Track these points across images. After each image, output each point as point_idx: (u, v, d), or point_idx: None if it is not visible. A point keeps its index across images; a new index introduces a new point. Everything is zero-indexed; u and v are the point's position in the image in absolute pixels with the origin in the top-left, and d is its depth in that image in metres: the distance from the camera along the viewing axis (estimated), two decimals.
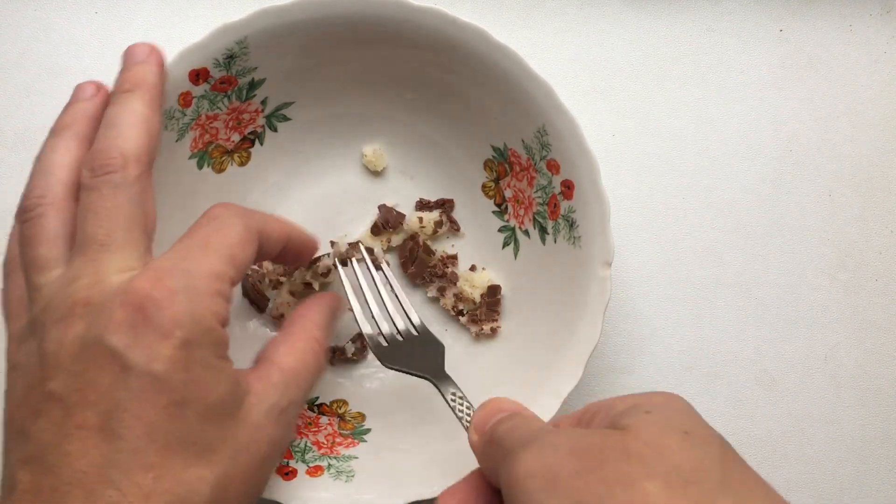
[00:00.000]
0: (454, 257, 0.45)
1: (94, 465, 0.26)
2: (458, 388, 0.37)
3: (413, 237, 0.45)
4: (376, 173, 0.45)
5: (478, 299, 0.44)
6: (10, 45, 0.46)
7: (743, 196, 0.47)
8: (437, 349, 0.39)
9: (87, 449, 0.26)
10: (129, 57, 0.35)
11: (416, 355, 0.39)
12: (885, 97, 0.48)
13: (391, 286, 0.41)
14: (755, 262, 0.46)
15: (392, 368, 0.39)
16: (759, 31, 0.48)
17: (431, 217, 0.44)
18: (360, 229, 0.45)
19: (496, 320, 0.44)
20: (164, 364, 0.27)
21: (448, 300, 0.44)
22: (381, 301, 0.40)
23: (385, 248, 0.45)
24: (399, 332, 0.40)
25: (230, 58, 0.38)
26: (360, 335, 0.44)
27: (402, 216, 0.45)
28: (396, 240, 0.45)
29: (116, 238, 0.30)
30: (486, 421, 0.31)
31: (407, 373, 0.38)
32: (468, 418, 0.35)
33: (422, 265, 0.44)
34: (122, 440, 0.26)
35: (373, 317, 0.40)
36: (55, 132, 0.34)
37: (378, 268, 0.42)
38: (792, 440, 0.45)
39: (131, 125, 0.32)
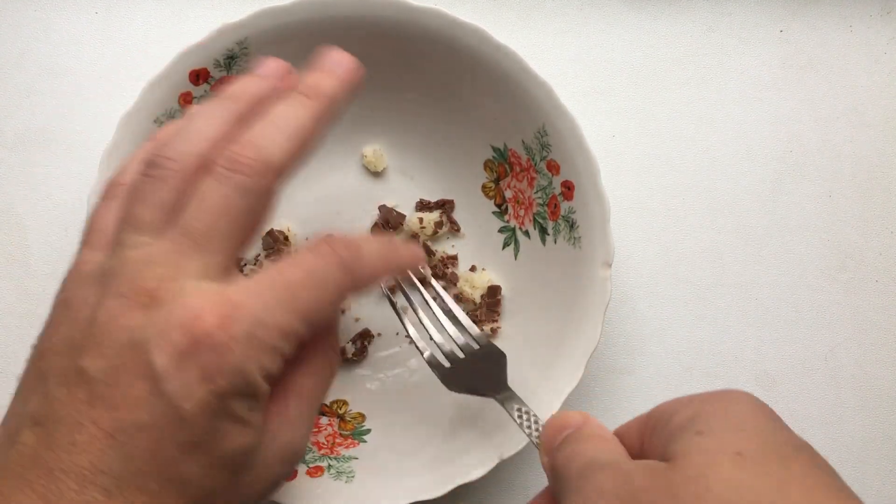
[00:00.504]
0: (454, 258, 0.45)
1: (94, 465, 0.25)
2: (524, 403, 0.35)
3: (413, 237, 0.45)
4: (376, 174, 0.45)
5: (478, 300, 0.44)
6: (10, 45, 0.46)
7: (743, 196, 0.47)
8: (499, 361, 0.37)
9: (92, 447, 0.25)
10: (326, 62, 0.32)
11: (480, 373, 0.37)
12: (885, 97, 0.48)
13: (443, 301, 0.38)
14: (755, 263, 0.46)
15: (459, 392, 0.37)
16: (759, 32, 0.48)
17: (431, 218, 0.44)
18: (360, 230, 0.45)
19: (496, 321, 0.44)
20: (195, 407, 0.26)
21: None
22: (437, 321, 0.38)
23: None
24: (460, 348, 0.38)
25: (230, 58, 0.38)
26: (360, 335, 0.44)
27: (402, 217, 0.45)
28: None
29: (212, 240, 0.28)
30: (552, 442, 0.30)
31: (473, 394, 0.37)
32: (536, 434, 0.34)
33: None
34: (130, 458, 0.26)
35: (431, 339, 0.38)
36: (220, 99, 0.31)
37: (426, 284, 0.39)
38: None
39: (289, 135, 0.29)
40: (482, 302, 0.44)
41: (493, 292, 0.43)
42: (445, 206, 0.45)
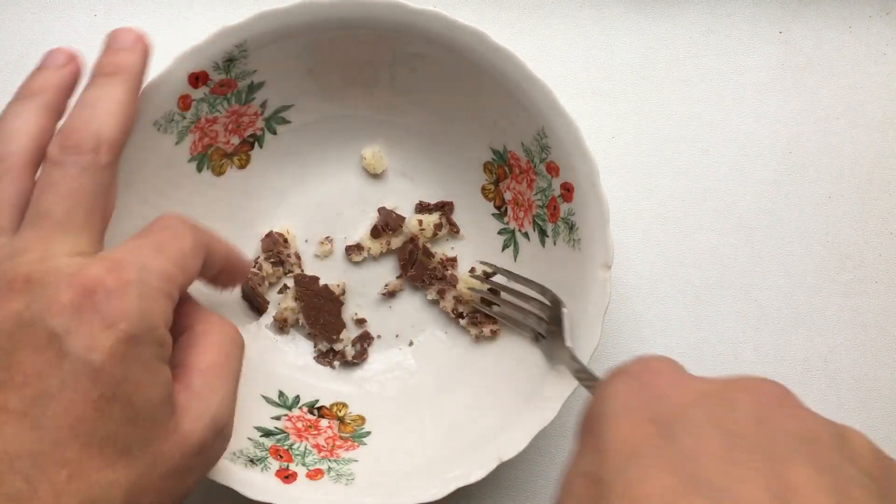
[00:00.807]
0: (454, 260, 0.45)
1: (7, 452, 0.24)
2: (590, 370, 0.36)
3: (412, 240, 0.45)
4: (376, 175, 0.45)
5: (476, 302, 0.44)
6: (8, 47, 0.46)
7: (743, 198, 0.47)
8: (558, 319, 0.39)
9: (4, 434, 0.24)
10: (113, 41, 0.34)
11: (556, 339, 0.38)
12: (884, 98, 0.48)
13: (510, 276, 0.41)
14: (755, 264, 0.46)
15: (559, 364, 0.39)
16: (758, 33, 0.48)
17: (431, 220, 0.44)
18: (359, 232, 0.45)
19: (496, 322, 0.44)
20: (103, 355, 0.25)
21: (448, 302, 0.44)
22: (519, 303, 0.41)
23: (385, 251, 0.45)
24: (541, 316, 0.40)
25: (229, 61, 0.38)
26: (360, 338, 0.44)
27: (401, 219, 0.45)
28: (396, 242, 0.45)
29: (75, 219, 0.29)
30: None
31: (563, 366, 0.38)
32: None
33: (421, 267, 0.44)
34: (44, 430, 0.25)
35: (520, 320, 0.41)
36: (21, 97, 0.32)
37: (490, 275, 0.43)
38: None
39: (110, 111, 0.31)
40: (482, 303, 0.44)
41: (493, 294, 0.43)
42: (445, 207, 0.45)
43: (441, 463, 0.39)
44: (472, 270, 0.45)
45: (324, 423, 0.42)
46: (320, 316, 0.44)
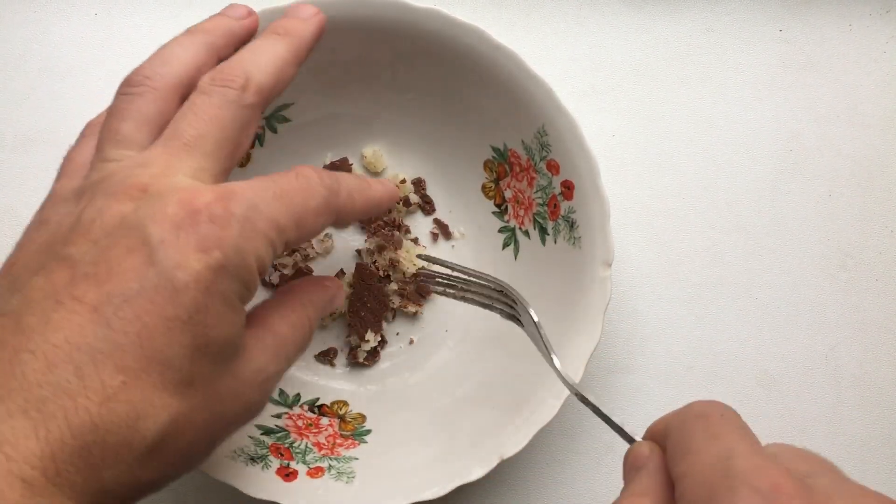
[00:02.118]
0: (408, 229, 0.45)
1: (69, 342, 0.24)
2: (571, 383, 0.34)
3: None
4: (376, 174, 0.45)
5: (409, 273, 0.44)
6: (9, 47, 0.46)
7: (743, 196, 0.47)
8: (513, 295, 0.37)
9: (70, 323, 0.24)
10: (293, 10, 0.34)
11: (516, 314, 0.37)
12: (884, 97, 0.48)
13: (466, 271, 0.39)
14: (755, 262, 0.46)
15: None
16: (758, 31, 0.48)
17: (409, 189, 0.45)
18: (359, 232, 0.45)
19: (420, 305, 0.44)
20: (189, 276, 0.25)
21: (382, 261, 0.44)
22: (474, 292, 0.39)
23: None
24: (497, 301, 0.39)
25: None
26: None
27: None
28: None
29: (204, 145, 0.29)
30: (626, 476, 0.28)
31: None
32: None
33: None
34: (112, 330, 0.24)
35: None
36: (190, 31, 0.33)
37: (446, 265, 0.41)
38: (791, 440, 0.45)
39: (269, 61, 0.31)
40: (412, 280, 0.44)
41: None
42: (420, 183, 0.45)
43: (442, 461, 0.39)
44: (416, 241, 0.45)
45: (324, 421, 0.42)
46: (362, 309, 0.44)
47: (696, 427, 0.26)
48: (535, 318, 0.36)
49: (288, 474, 0.38)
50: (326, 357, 0.44)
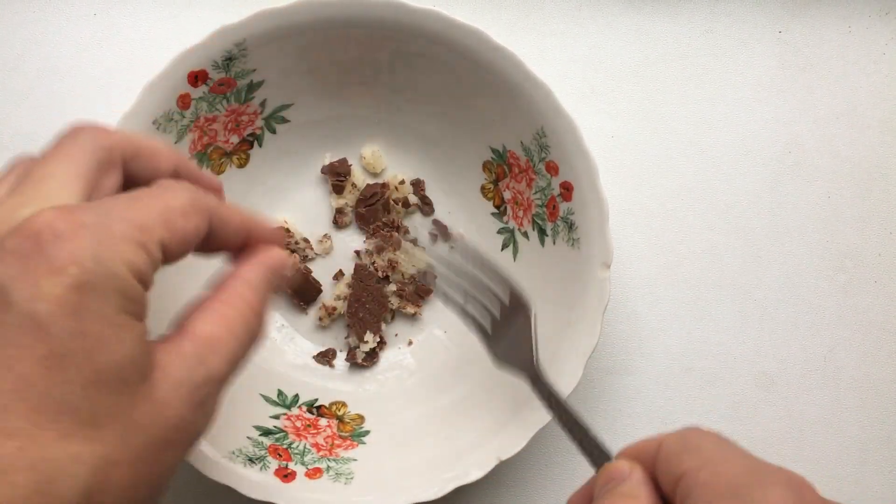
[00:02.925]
0: (407, 229, 0.45)
1: None
2: (553, 388, 0.34)
3: (384, 185, 0.45)
4: (375, 175, 0.45)
5: (407, 274, 0.44)
6: (8, 46, 0.46)
7: (742, 197, 0.47)
8: (527, 321, 0.36)
9: None
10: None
11: (514, 341, 0.36)
12: (883, 98, 0.48)
13: (474, 256, 0.38)
14: (754, 264, 0.46)
15: (504, 368, 0.36)
16: (757, 33, 0.48)
17: (407, 188, 0.45)
18: (358, 233, 0.45)
19: (419, 306, 0.44)
20: (48, 305, 0.22)
21: (381, 261, 0.44)
22: (477, 286, 0.38)
23: (352, 205, 0.45)
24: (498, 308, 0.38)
25: (229, 60, 0.38)
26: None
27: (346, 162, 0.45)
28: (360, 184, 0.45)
29: (55, 176, 0.26)
30: (598, 489, 0.28)
31: (513, 372, 0.36)
32: (569, 423, 0.32)
33: (374, 213, 0.44)
34: None
35: (469, 303, 0.38)
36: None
37: (448, 239, 0.39)
38: (791, 441, 0.45)
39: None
40: (411, 280, 0.44)
41: (427, 279, 0.43)
42: (419, 184, 0.45)
43: (440, 462, 0.39)
44: (415, 243, 0.45)
45: (323, 422, 0.42)
46: (361, 310, 0.44)
47: (702, 435, 0.27)
48: (534, 324, 0.36)
49: (286, 475, 0.38)
50: (325, 358, 0.44)
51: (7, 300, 0.22)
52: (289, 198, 0.45)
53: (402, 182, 0.45)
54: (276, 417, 0.41)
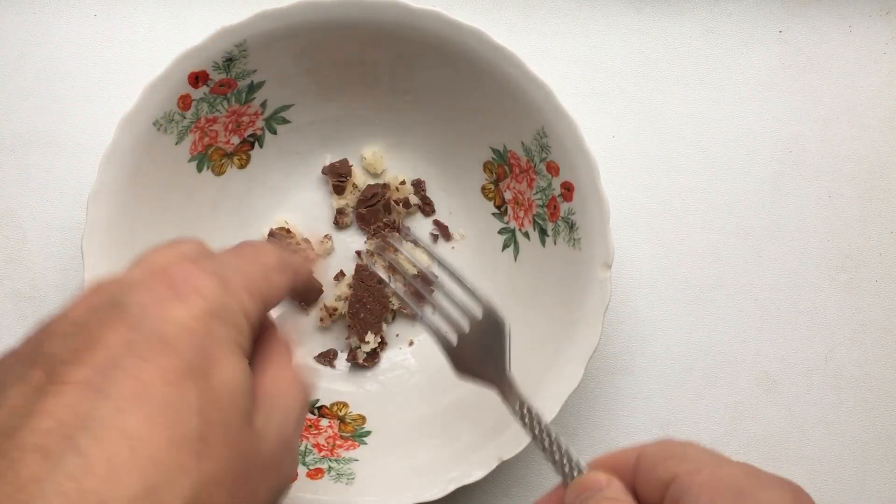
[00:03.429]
0: (407, 230, 0.45)
1: (62, 423, 0.21)
2: (523, 397, 0.34)
3: (384, 186, 0.45)
4: (376, 175, 0.45)
5: (407, 275, 0.44)
6: (8, 47, 0.46)
7: (743, 197, 0.47)
8: (501, 333, 0.36)
9: (59, 406, 0.21)
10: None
11: (484, 350, 0.36)
12: (884, 98, 0.48)
13: (440, 265, 0.37)
14: (755, 264, 0.46)
15: (466, 378, 0.36)
16: (758, 32, 0.48)
17: (408, 189, 0.45)
18: (359, 234, 0.45)
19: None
20: (176, 326, 0.24)
21: (381, 262, 0.44)
22: (438, 295, 0.37)
23: (353, 205, 0.45)
24: (465, 319, 0.37)
25: (229, 60, 0.38)
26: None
27: (347, 163, 0.45)
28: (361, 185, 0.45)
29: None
30: (573, 499, 0.28)
31: (479, 383, 0.36)
32: (539, 433, 0.33)
33: (374, 213, 0.44)
34: (107, 398, 0.22)
35: (433, 312, 0.37)
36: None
37: (412, 242, 0.39)
38: (792, 441, 0.45)
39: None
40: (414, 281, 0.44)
41: (426, 280, 0.42)
42: (419, 185, 0.45)
43: (441, 462, 0.39)
44: (416, 244, 0.45)
45: (324, 422, 0.42)
46: (362, 310, 0.44)
47: (684, 443, 0.28)
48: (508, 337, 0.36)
49: None
50: (326, 358, 0.44)
51: (138, 322, 0.24)
52: (289, 198, 0.45)
53: (403, 182, 0.45)
54: None
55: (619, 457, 0.29)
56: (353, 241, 0.45)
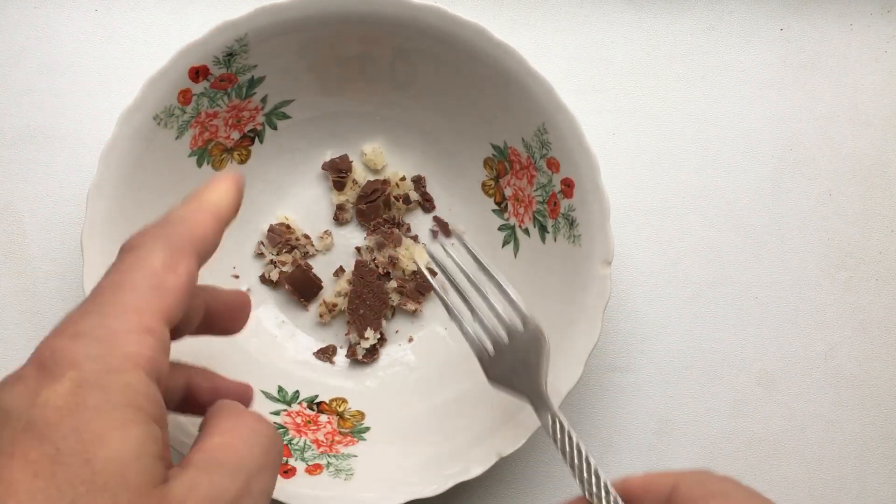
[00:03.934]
0: (408, 227, 0.45)
1: None
2: (559, 414, 0.33)
3: (385, 182, 0.45)
4: (376, 171, 0.45)
5: (408, 272, 0.44)
6: (9, 42, 0.46)
7: (743, 195, 0.47)
8: (539, 351, 0.35)
9: None
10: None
11: (520, 364, 0.35)
12: (885, 96, 0.48)
13: (488, 272, 0.36)
14: (755, 261, 0.46)
15: (498, 387, 0.36)
16: (759, 30, 0.48)
17: (408, 185, 0.45)
18: (358, 229, 0.45)
19: (419, 303, 0.44)
20: (45, 410, 0.22)
21: (382, 258, 0.44)
22: (481, 303, 0.36)
23: (353, 202, 0.45)
24: (505, 331, 0.36)
25: (230, 55, 0.38)
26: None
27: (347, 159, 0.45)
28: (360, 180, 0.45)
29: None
30: None
31: (512, 394, 0.35)
32: (570, 450, 0.32)
33: (375, 209, 0.44)
34: None
35: (476, 323, 0.36)
36: None
37: (458, 240, 0.37)
38: (791, 440, 0.45)
39: None
40: (412, 277, 0.44)
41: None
42: (420, 181, 0.45)
43: (440, 458, 0.39)
44: (416, 239, 0.45)
45: (323, 418, 0.42)
46: (361, 306, 0.44)
47: (723, 480, 0.27)
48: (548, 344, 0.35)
49: (286, 471, 0.38)
50: (325, 354, 0.44)
51: (7, 416, 0.22)
52: (290, 194, 0.45)
53: (403, 178, 0.45)
54: (277, 413, 0.41)
55: (653, 480, 0.28)
56: (353, 238, 0.45)
